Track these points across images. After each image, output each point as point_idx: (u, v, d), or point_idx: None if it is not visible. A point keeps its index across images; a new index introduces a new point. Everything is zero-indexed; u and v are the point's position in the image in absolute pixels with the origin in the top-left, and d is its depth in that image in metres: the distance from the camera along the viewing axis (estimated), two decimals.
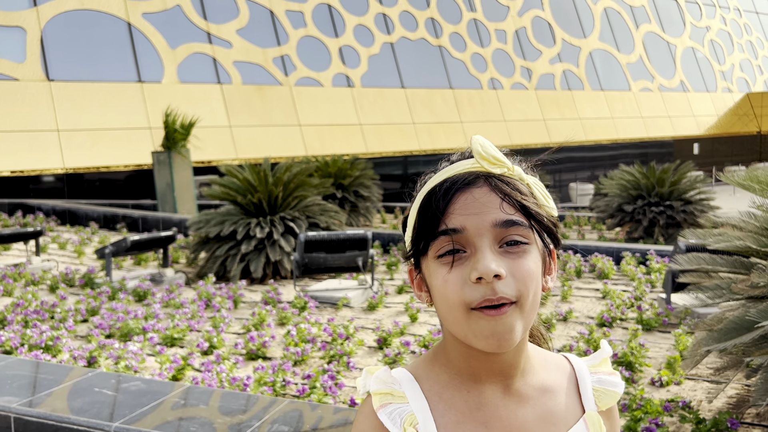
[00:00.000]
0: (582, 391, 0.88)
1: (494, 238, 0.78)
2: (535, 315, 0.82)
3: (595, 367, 0.91)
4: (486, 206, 0.78)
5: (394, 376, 0.85)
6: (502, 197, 0.79)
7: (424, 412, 0.82)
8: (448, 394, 0.84)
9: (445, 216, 0.79)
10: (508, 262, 0.78)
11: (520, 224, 0.79)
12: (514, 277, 0.77)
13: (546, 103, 23.00)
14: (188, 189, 12.36)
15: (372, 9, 19.85)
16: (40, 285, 7.03)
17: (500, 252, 0.78)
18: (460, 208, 0.78)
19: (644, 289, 6.50)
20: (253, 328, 5.25)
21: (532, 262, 0.79)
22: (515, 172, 0.83)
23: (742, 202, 4.29)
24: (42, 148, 13.74)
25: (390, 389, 0.84)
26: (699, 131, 27.91)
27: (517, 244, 0.78)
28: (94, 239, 10.09)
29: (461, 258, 0.78)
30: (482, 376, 0.83)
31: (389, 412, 0.82)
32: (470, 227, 0.78)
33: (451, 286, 0.78)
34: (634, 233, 11.22)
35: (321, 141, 17.43)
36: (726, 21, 31.92)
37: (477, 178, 0.80)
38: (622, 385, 0.90)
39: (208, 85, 16.25)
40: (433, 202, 0.80)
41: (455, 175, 0.81)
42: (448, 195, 0.80)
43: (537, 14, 24.15)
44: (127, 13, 15.55)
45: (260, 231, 7.60)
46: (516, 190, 0.80)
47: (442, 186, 0.81)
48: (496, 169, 0.81)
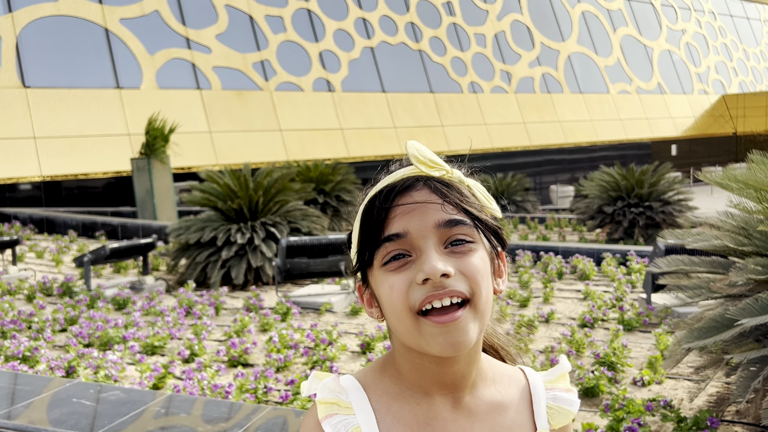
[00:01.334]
0: (535, 408, 0.85)
1: (439, 239, 0.76)
2: (488, 317, 0.79)
3: (552, 383, 0.87)
4: (427, 208, 0.77)
5: (342, 385, 0.82)
6: (443, 198, 0.77)
7: (370, 425, 0.79)
8: (396, 406, 0.81)
9: (387, 222, 0.77)
10: (456, 261, 0.76)
11: (464, 223, 0.77)
12: (464, 275, 0.75)
13: (526, 106, 23.17)
14: (168, 195, 12.25)
15: (352, 14, 19.87)
16: (17, 295, 6.92)
17: (446, 252, 0.76)
18: (401, 213, 0.77)
19: (625, 289, 6.55)
20: (234, 335, 5.21)
21: (480, 260, 0.77)
22: (455, 175, 0.82)
23: (720, 202, 4.35)
24: (18, 156, 13.54)
25: (336, 399, 0.81)
26: (676, 133, 28.28)
27: (463, 243, 0.77)
28: (72, 247, 9.95)
29: (407, 263, 0.76)
30: (432, 388, 0.81)
31: (334, 423, 0.80)
32: (413, 230, 0.76)
33: (397, 292, 0.75)
34: (614, 234, 11.32)
35: (302, 146, 17.38)
36: (701, 24, 32.44)
37: (416, 182, 0.79)
38: (577, 403, 0.87)
39: (188, 90, 16.13)
40: (374, 211, 0.78)
41: (394, 181, 0.80)
42: (388, 201, 0.78)
43: (516, 18, 24.34)
44: (104, 19, 15.40)
45: (241, 237, 7.55)
46: (456, 191, 0.79)
47: (381, 193, 0.79)
48: (435, 172, 0.80)
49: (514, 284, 7.18)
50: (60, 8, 14.89)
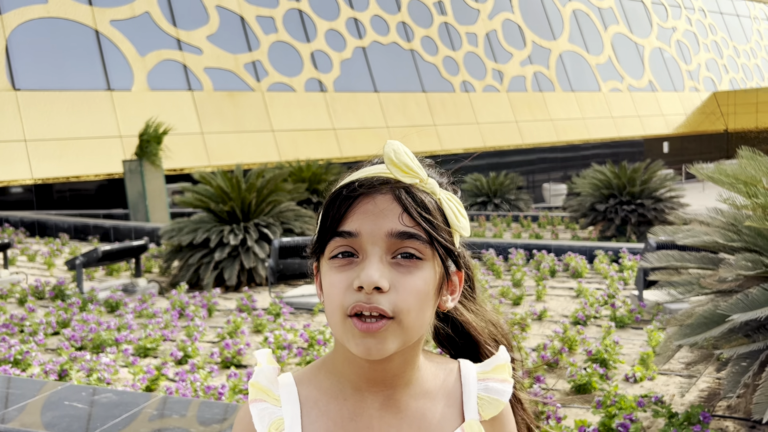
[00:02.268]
0: (465, 399, 0.84)
1: (387, 248, 0.75)
2: (419, 332, 0.78)
3: (486, 373, 0.85)
4: (384, 214, 0.75)
5: (277, 380, 0.84)
6: (404, 208, 0.76)
7: (293, 418, 0.81)
8: (324, 400, 0.82)
9: (344, 218, 0.77)
10: (396, 275, 0.75)
11: (417, 238, 0.75)
12: (398, 292, 0.75)
13: (518, 104, 23.22)
14: (160, 197, 12.21)
15: (343, 13, 19.86)
16: (9, 298, 6.88)
17: (391, 263, 0.76)
18: (359, 213, 0.76)
19: (617, 286, 6.58)
20: (228, 336, 5.20)
21: (421, 280, 0.76)
22: (428, 185, 0.79)
23: (711, 199, 4.37)
24: (9, 159, 13.47)
25: (268, 388, 0.84)
26: (668, 130, 28.41)
27: (411, 258, 0.76)
28: (64, 250, 9.90)
29: (352, 263, 0.76)
30: (362, 384, 0.81)
31: (260, 409, 0.83)
32: (365, 233, 0.76)
33: (336, 289, 0.76)
34: (606, 232, 11.37)
35: (295, 146, 17.37)
36: (691, 21, 32.59)
37: (383, 185, 0.77)
38: (509, 393, 0.85)
39: (179, 92, 16.09)
40: (336, 203, 0.79)
41: (363, 178, 0.79)
42: (350, 198, 0.77)
43: (507, 17, 24.39)
44: (95, 21, 15.34)
45: (234, 238, 7.54)
46: (419, 204, 0.77)
47: (348, 187, 0.79)
48: (407, 179, 0.78)
49: (507, 282, 7.21)
50: (50, 10, 14.83)
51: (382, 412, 0.81)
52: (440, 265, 0.79)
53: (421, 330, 0.79)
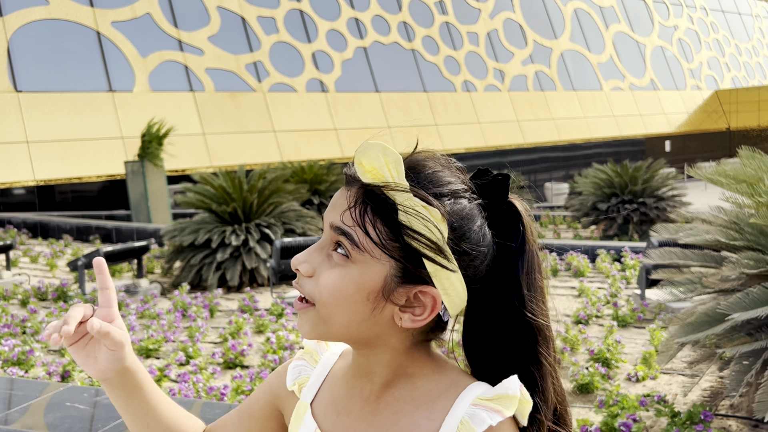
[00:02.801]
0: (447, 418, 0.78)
1: (329, 239, 0.79)
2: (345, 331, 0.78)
3: (486, 400, 0.78)
4: (336, 207, 0.79)
5: (328, 346, 0.92)
6: (352, 204, 0.76)
7: (316, 381, 0.89)
8: (339, 375, 0.88)
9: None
10: (323, 266, 0.77)
11: (347, 236, 0.75)
12: (317, 282, 0.77)
13: (519, 104, 23.20)
14: (162, 198, 12.23)
15: (344, 14, 19.86)
16: (11, 300, 6.89)
17: (328, 254, 0.78)
18: (330, 204, 0.81)
19: (619, 286, 6.57)
20: (230, 337, 5.20)
21: (339, 277, 0.75)
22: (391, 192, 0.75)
23: (714, 197, 4.37)
24: (11, 161, 13.49)
25: (314, 350, 0.92)
26: (670, 129, 28.37)
27: (341, 255, 0.76)
28: (66, 252, 9.92)
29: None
30: (353, 371, 0.85)
31: (296, 365, 0.92)
32: (325, 220, 0.80)
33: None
34: (609, 231, 11.35)
35: (296, 147, 17.37)
36: (693, 20, 32.54)
37: (352, 182, 0.79)
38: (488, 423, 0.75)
39: (181, 93, 16.10)
40: None
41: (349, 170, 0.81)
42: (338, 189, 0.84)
43: (508, 16, 24.37)
44: (96, 22, 15.36)
45: (236, 238, 7.54)
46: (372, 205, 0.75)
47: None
48: (366, 177, 0.76)
49: None
50: (51, 12, 14.85)
51: (362, 402, 0.84)
52: (380, 274, 0.75)
53: (347, 330, 0.78)
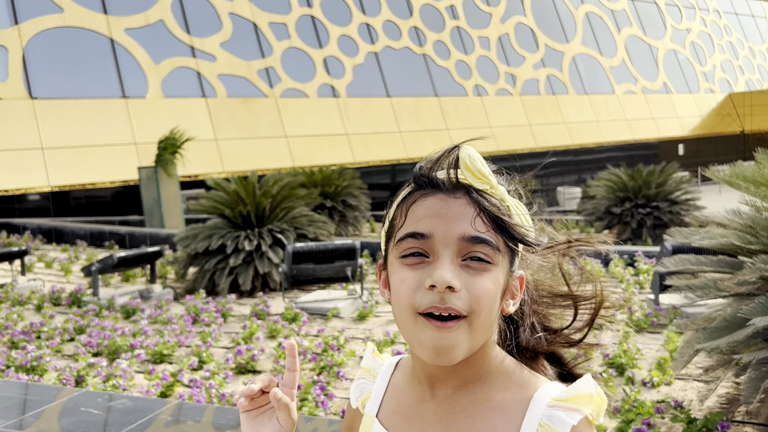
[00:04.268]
0: (525, 421, 0.81)
1: (458, 251, 0.78)
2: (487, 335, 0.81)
3: (560, 401, 0.81)
4: (458, 218, 0.78)
5: (381, 360, 0.96)
6: (477, 213, 0.79)
7: (378, 394, 0.92)
8: (402, 384, 0.90)
9: (417, 219, 0.79)
10: (467, 277, 0.78)
11: (488, 243, 0.78)
12: (469, 293, 0.77)
13: (531, 108, 23.14)
14: (175, 204, 12.30)
15: (355, 19, 19.92)
16: (27, 305, 6.95)
17: (461, 265, 0.78)
18: (432, 215, 0.79)
19: (633, 290, 6.52)
20: (242, 342, 5.21)
21: (491, 282, 0.79)
22: (498, 192, 0.82)
23: (728, 201, 4.32)
24: (26, 167, 13.63)
25: (370, 367, 0.95)
26: (683, 132, 28.17)
27: (480, 261, 0.78)
28: (81, 257, 9.99)
29: (423, 263, 0.79)
30: (424, 378, 0.85)
31: (358, 384, 0.96)
32: (437, 235, 0.78)
33: (406, 287, 0.79)
34: (622, 235, 11.27)
35: (308, 152, 17.42)
36: (706, 23, 32.32)
37: (457, 188, 0.80)
38: (571, 423, 0.79)
39: (193, 99, 16.21)
40: (408, 203, 0.82)
41: (438, 179, 0.81)
42: (426, 199, 0.80)
43: (519, 20, 24.33)
44: (110, 29, 15.51)
45: (248, 244, 7.56)
46: (492, 209, 0.79)
47: (422, 188, 0.82)
48: (479, 184, 0.80)
49: None
50: (66, 19, 15.01)
51: (435, 406, 0.84)
52: (506, 270, 0.82)
53: (487, 333, 0.81)
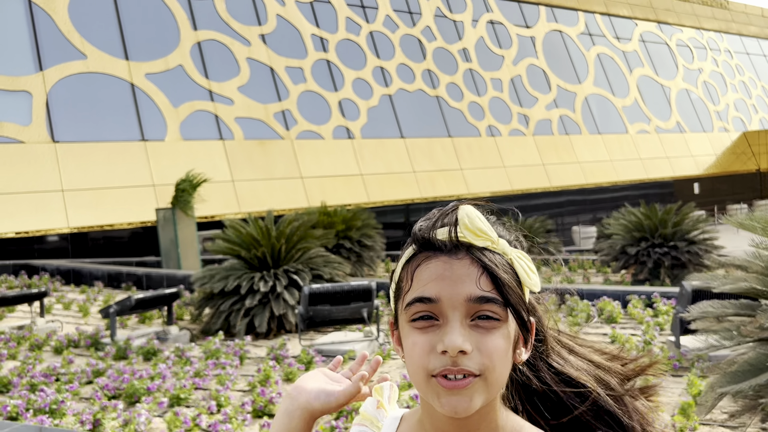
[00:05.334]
0: None
1: (466, 312, 0.80)
2: (501, 388, 0.84)
3: None
4: (463, 279, 0.80)
5: (386, 411, 0.95)
6: (481, 272, 0.80)
7: None
8: None
9: (423, 283, 0.82)
10: (477, 336, 0.80)
11: (494, 301, 0.80)
12: (481, 352, 0.79)
13: (544, 148, 23.24)
14: (192, 245, 12.40)
15: (370, 63, 20.29)
16: (45, 347, 6.99)
17: (471, 325, 0.80)
18: (437, 278, 0.81)
19: (653, 333, 6.43)
20: (259, 385, 5.19)
21: (501, 339, 0.81)
22: (499, 246, 0.83)
23: (747, 241, 4.30)
24: (46, 209, 13.85)
25: (373, 417, 0.95)
26: (698, 171, 28.08)
27: (489, 319, 0.80)
28: (98, 298, 10.06)
29: (433, 326, 0.81)
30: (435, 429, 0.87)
31: (360, 430, 0.95)
32: (444, 299, 0.80)
33: (418, 351, 0.81)
34: (639, 275, 11.16)
35: (323, 192, 17.56)
36: (718, 62, 32.52)
37: (459, 249, 0.82)
38: None
39: (211, 141, 16.49)
40: (413, 266, 0.84)
41: (439, 241, 0.83)
42: (429, 262, 0.82)
43: (531, 62, 24.64)
44: (131, 74, 15.91)
45: (264, 285, 7.59)
46: (494, 268, 0.81)
47: (424, 250, 0.84)
48: (480, 242, 0.82)
49: None
50: (89, 65, 15.44)
51: None
52: (515, 322, 0.83)
53: (501, 386, 0.84)
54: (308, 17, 19.52)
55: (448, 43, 22.52)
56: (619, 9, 29.05)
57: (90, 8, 15.87)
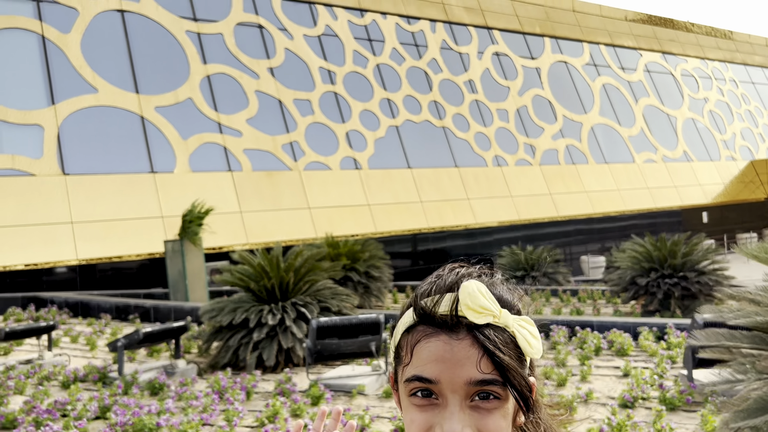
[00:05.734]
0: None
1: (466, 394, 0.79)
2: None
3: None
4: (463, 362, 0.78)
5: None
6: (482, 354, 0.79)
7: None
8: None
9: (422, 362, 0.80)
10: (477, 418, 0.79)
11: (495, 383, 0.79)
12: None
13: (551, 177, 23.27)
14: (200, 276, 12.40)
15: (377, 95, 20.50)
16: (52, 381, 6.96)
17: (471, 406, 0.79)
18: (437, 360, 0.79)
19: (665, 366, 6.35)
20: (266, 421, 5.14)
21: (501, 419, 0.80)
22: (501, 319, 0.82)
23: (757, 270, 4.27)
24: (56, 241, 13.93)
25: None
26: (706, 200, 28.00)
27: (489, 399, 0.79)
28: (106, 331, 10.05)
29: (432, 404, 0.80)
30: None
31: None
32: (444, 381, 0.79)
33: (416, 427, 0.80)
34: (649, 306, 11.06)
35: (330, 222, 17.59)
36: (723, 92, 32.66)
37: (459, 327, 0.80)
38: None
39: (219, 173, 16.61)
40: (412, 340, 0.82)
41: (439, 316, 0.81)
42: (429, 340, 0.81)
43: (537, 93, 24.83)
44: (141, 108, 16.13)
45: (272, 318, 7.56)
46: (496, 347, 0.79)
47: (424, 324, 0.82)
48: (481, 319, 0.80)
49: (550, 362, 7.02)
50: (100, 99, 15.67)
51: None
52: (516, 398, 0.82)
53: None
54: (316, 50, 19.81)
55: (454, 75, 22.75)
56: (623, 40, 29.34)
57: (102, 43, 16.18)
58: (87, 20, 16.14)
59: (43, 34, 15.40)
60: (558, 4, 27.62)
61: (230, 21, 18.50)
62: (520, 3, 26.29)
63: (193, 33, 17.71)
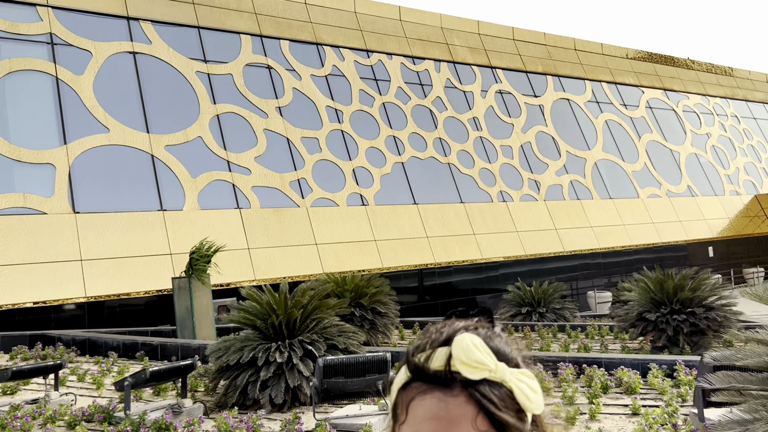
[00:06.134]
0: None
1: None
2: None
3: None
4: (458, 420, 0.76)
5: None
6: (477, 412, 0.76)
7: None
8: None
9: (417, 420, 0.78)
10: None
11: None
12: None
13: (556, 212, 23.35)
14: (207, 313, 12.42)
15: (383, 133, 20.77)
16: (58, 422, 6.95)
17: None
18: (432, 418, 0.77)
19: (676, 406, 6.31)
20: None
21: None
22: (498, 373, 0.79)
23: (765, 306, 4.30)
24: (65, 278, 14.01)
25: None
26: (712, 234, 27.97)
27: None
28: (113, 369, 10.04)
29: None
30: None
31: None
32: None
33: None
34: (658, 342, 10.99)
35: (337, 258, 17.65)
36: (725, 127, 32.90)
37: (454, 384, 0.78)
38: None
39: (228, 210, 16.76)
40: (407, 397, 0.81)
41: (433, 372, 0.79)
42: (424, 398, 0.79)
43: (540, 129, 25.08)
44: (151, 147, 16.38)
45: (279, 356, 7.57)
46: (493, 404, 0.77)
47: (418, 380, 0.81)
48: (476, 374, 0.78)
49: (557, 400, 6.98)
50: (111, 138, 15.93)
51: None
52: None
53: None
54: (323, 90, 20.16)
55: (458, 113, 23.05)
56: (624, 78, 29.73)
57: (114, 84, 16.52)
58: (100, 62, 16.52)
59: (57, 75, 15.75)
60: (560, 43, 28.10)
61: (239, 62, 18.89)
62: (522, 42, 26.77)
63: (203, 74, 18.07)
